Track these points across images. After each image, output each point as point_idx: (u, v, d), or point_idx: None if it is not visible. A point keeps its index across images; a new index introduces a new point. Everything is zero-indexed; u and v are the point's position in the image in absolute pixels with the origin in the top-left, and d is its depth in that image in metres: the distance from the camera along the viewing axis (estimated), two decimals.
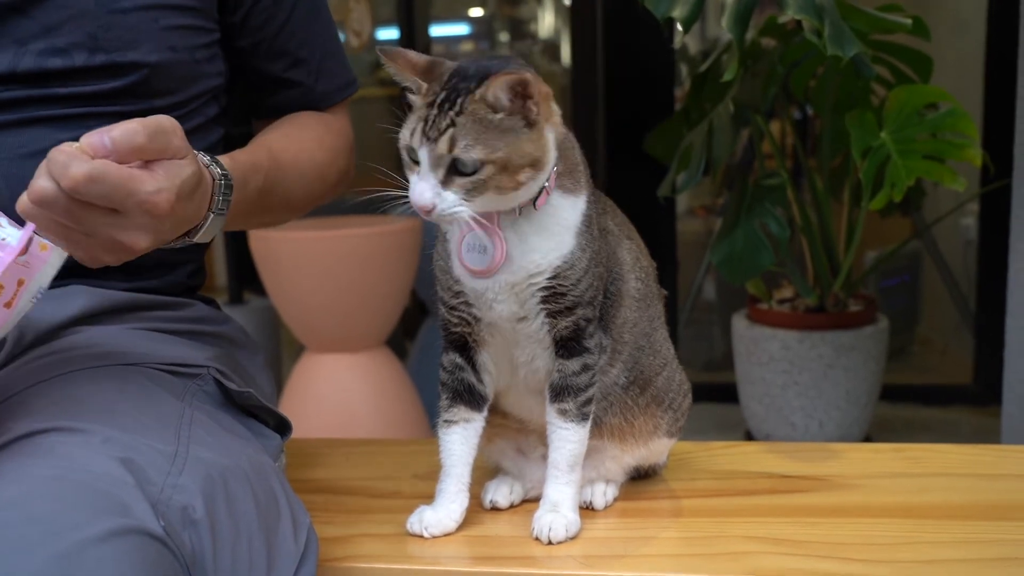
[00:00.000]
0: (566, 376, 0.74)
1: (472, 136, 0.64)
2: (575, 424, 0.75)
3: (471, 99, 0.64)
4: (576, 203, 0.72)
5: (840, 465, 0.92)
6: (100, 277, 0.76)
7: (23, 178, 0.71)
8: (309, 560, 0.67)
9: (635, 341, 0.80)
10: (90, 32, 0.72)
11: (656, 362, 0.82)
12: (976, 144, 1.60)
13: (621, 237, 0.80)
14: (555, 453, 0.76)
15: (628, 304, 0.78)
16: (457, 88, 0.65)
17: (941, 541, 0.74)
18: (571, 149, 0.73)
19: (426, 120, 0.65)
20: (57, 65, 0.72)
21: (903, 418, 2.41)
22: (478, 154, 0.64)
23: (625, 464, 0.84)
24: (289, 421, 0.80)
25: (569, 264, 0.71)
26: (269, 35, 0.86)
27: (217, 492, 0.60)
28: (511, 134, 0.65)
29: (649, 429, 0.82)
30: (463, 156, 0.64)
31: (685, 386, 0.86)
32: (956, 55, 2.50)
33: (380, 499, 0.87)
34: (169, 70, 0.77)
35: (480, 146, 0.64)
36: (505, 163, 0.65)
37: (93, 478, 0.53)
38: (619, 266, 0.78)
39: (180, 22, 0.77)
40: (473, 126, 0.64)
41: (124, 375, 0.68)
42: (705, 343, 2.90)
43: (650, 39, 2.50)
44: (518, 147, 0.65)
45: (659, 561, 0.73)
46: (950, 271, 2.63)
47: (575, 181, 0.72)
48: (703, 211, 3.06)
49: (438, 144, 0.64)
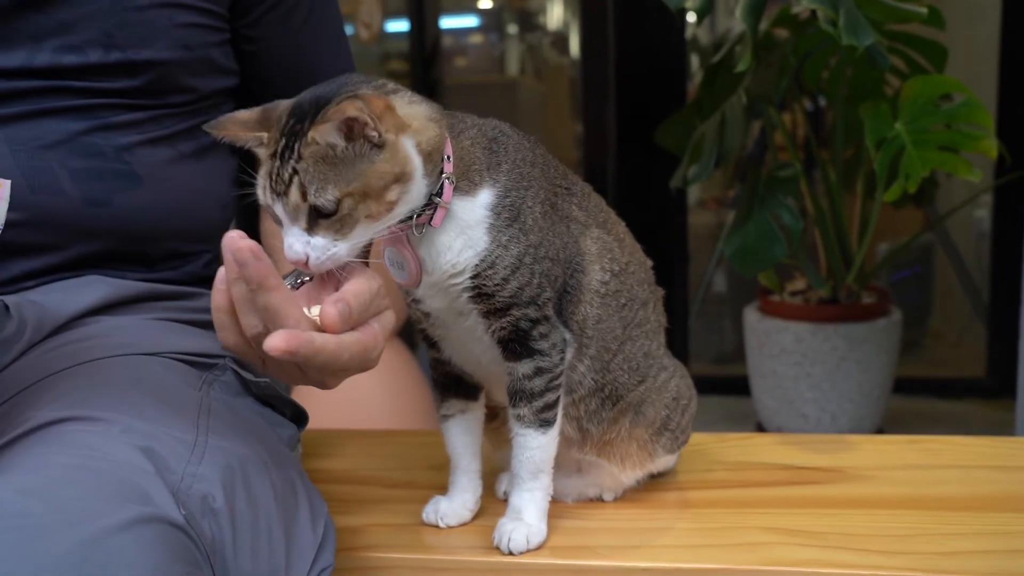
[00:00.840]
0: (517, 380, 0.70)
1: (319, 178, 0.59)
2: (533, 431, 0.71)
3: (304, 142, 0.59)
4: (475, 200, 0.66)
5: (855, 457, 0.92)
6: (117, 268, 0.77)
7: (39, 169, 0.71)
8: (327, 549, 0.67)
9: (602, 341, 0.74)
10: (105, 30, 0.72)
11: (629, 379, 0.76)
12: (991, 135, 1.59)
13: (589, 224, 0.74)
14: (516, 460, 0.73)
15: (589, 299, 0.73)
16: (294, 131, 0.60)
17: (958, 533, 0.74)
18: (467, 143, 0.67)
19: (271, 175, 0.60)
20: (72, 62, 0.72)
21: (916, 411, 2.41)
22: (332, 194, 0.59)
23: (624, 484, 0.81)
24: (305, 411, 0.81)
25: (488, 263, 0.66)
26: (275, 45, 0.84)
27: (236, 481, 0.60)
28: (361, 161, 0.60)
29: (644, 454, 0.79)
30: (318, 202, 0.59)
31: (683, 400, 0.81)
32: (970, 45, 2.48)
33: (395, 489, 0.87)
34: (184, 68, 0.77)
35: (331, 185, 0.59)
36: (364, 191, 0.60)
37: (114, 466, 0.53)
38: (580, 256, 0.72)
39: (195, 20, 0.77)
40: (316, 167, 0.59)
41: (142, 365, 0.68)
42: (716, 336, 2.90)
43: (661, 30, 2.49)
44: (373, 171, 0.60)
45: (676, 552, 0.73)
46: (963, 263, 2.62)
47: (469, 181, 0.66)
48: (714, 203, 3.05)
49: (289, 197, 0.60)
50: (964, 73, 1.79)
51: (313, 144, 0.59)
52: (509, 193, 0.67)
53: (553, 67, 3.72)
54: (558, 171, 0.74)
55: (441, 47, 3.36)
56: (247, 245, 0.55)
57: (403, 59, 3.41)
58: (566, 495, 0.81)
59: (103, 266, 0.76)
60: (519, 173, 0.69)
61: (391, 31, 3.45)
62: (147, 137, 0.76)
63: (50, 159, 0.72)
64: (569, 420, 0.77)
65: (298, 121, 0.60)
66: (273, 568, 0.61)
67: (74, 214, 0.72)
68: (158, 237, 0.78)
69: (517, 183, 0.68)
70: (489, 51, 3.83)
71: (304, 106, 0.61)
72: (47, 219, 0.72)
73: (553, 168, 0.73)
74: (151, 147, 0.77)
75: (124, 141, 0.75)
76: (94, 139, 0.73)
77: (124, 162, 0.75)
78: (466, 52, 3.77)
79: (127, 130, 0.75)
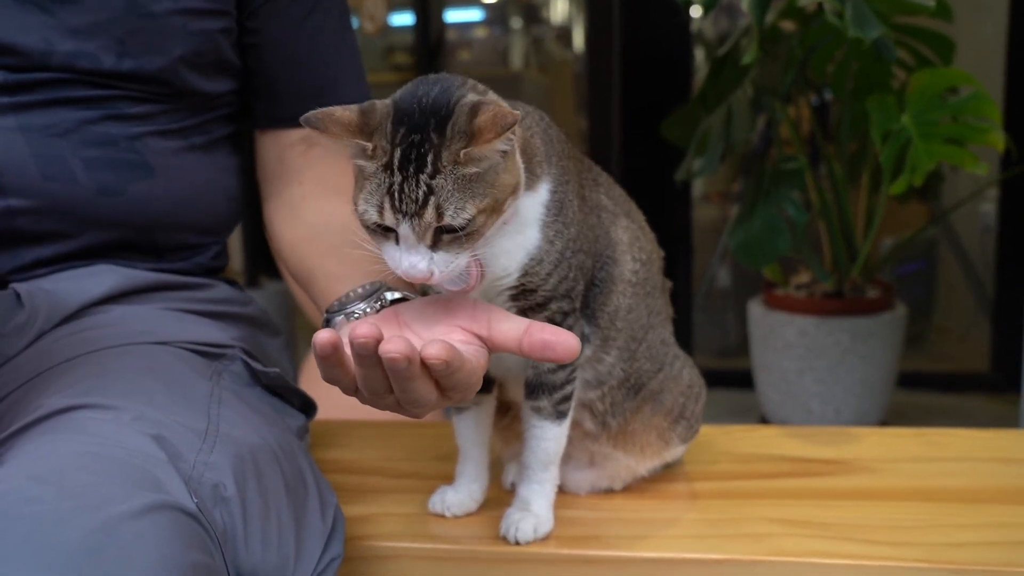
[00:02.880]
0: (541, 373, 0.70)
1: (458, 196, 0.55)
2: (550, 422, 0.71)
3: (450, 157, 0.55)
4: (535, 196, 0.64)
5: (861, 449, 0.92)
6: (127, 258, 0.77)
7: (53, 157, 0.71)
8: (336, 538, 0.67)
9: (630, 331, 0.74)
10: (118, 37, 0.71)
11: (651, 367, 0.77)
12: (998, 128, 1.59)
13: (618, 214, 0.73)
14: (529, 451, 0.72)
15: (622, 289, 0.72)
16: (412, 142, 0.56)
17: (965, 524, 0.74)
18: (528, 138, 0.64)
19: (392, 192, 0.56)
20: (85, 66, 0.71)
21: (920, 405, 2.41)
22: (470, 212, 0.56)
23: (639, 474, 0.81)
24: (314, 401, 0.81)
25: (537, 260, 0.64)
26: (276, 37, 0.82)
27: (247, 470, 0.60)
28: (492, 174, 0.57)
29: (662, 443, 0.79)
30: (456, 221, 0.55)
31: (695, 388, 0.81)
32: (978, 38, 2.47)
33: (401, 479, 0.88)
34: (197, 71, 0.76)
35: (470, 203, 0.55)
36: (494, 205, 0.57)
37: (126, 454, 0.53)
38: (612, 247, 0.71)
39: (209, 25, 0.76)
40: (455, 184, 0.55)
41: (153, 354, 0.68)
42: (720, 330, 2.90)
43: (667, 23, 2.49)
44: (501, 184, 0.57)
45: (682, 542, 0.73)
46: (968, 258, 2.61)
47: (532, 175, 0.64)
48: (718, 197, 3.05)
49: (423, 218, 0.55)
50: (971, 66, 1.78)
51: (466, 159, 0.55)
52: (558, 187, 0.65)
53: (557, 61, 3.72)
54: (582, 161, 0.73)
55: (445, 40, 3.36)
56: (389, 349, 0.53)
57: (407, 52, 3.41)
58: (579, 489, 0.81)
59: (114, 256, 0.76)
60: (562, 165, 0.67)
61: (396, 24, 3.45)
62: (159, 128, 0.76)
63: (63, 147, 0.72)
64: (594, 415, 0.76)
65: (412, 131, 0.56)
66: (283, 557, 0.61)
67: (86, 203, 0.72)
68: (168, 227, 0.78)
69: (562, 175, 0.66)
70: (493, 44, 3.83)
71: (413, 113, 0.56)
72: (59, 207, 0.72)
73: (578, 157, 0.72)
74: (163, 138, 0.77)
75: (136, 131, 0.75)
76: (107, 128, 0.73)
77: (136, 152, 0.75)
78: (470, 45, 3.77)
79: (140, 121, 0.75)
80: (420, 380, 0.55)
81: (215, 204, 0.82)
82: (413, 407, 0.58)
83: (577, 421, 0.75)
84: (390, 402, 0.58)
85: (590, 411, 0.76)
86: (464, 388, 0.58)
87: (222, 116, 0.83)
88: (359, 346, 0.53)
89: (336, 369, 0.56)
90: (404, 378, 0.54)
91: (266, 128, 0.85)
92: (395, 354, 0.52)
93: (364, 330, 0.53)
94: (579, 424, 0.76)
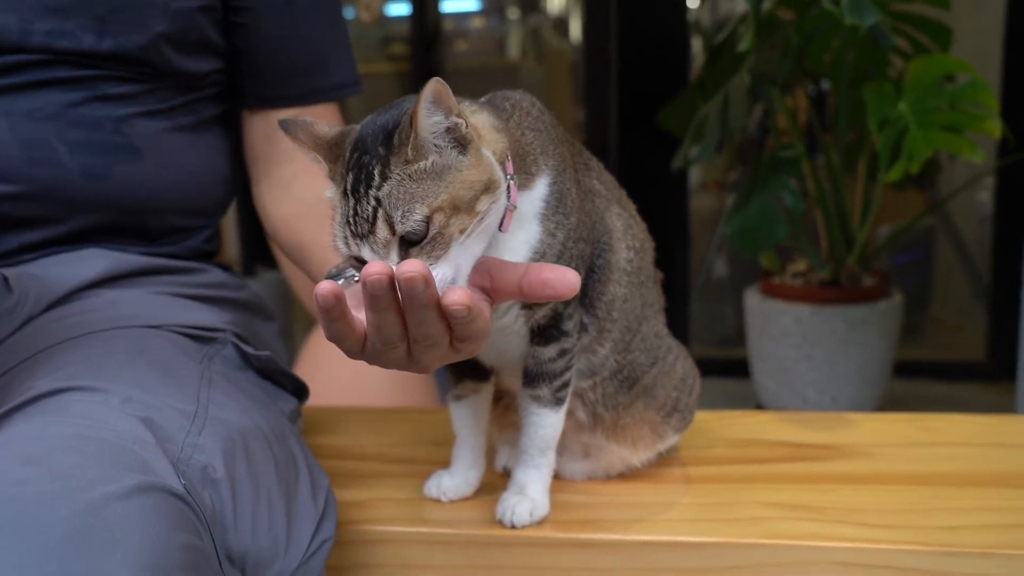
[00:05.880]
0: (541, 363, 0.70)
1: (404, 200, 0.54)
2: (549, 409, 0.71)
3: (397, 161, 0.55)
4: (533, 193, 0.63)
5: (856, 434, 0.92)
6: (117, 242, 0.76)
7: (36, 141, 0.71)
8: (328, 521, 0.67)
9: (626, 320, 0.73)
10: (97, 15, 0.71)
11: (645, 360, 0.76)
12: (995, 116, 1.58)
13: (611, 200, 0.72)
14: (527, 438, 0.72)
15: (617, 278, 0.71)
16: (362, 164, 0.55)
17: (959, 508, 0.74)
18: (518, 137, 0.63)
19: (348, 218, 0.55)
20: (65, 46, 0.70)
21: (916, 394, 2.41)
22: (420, 213, 0.54)
23: (634, 466, 0.81)
24: (306, 385, 0.80)
25: (540, 253, 0.63)
26: (265, 17, 0.81)
27: (237, 452, 0.60)
28: (448, 172, 0.55)
29: (655, 436, 0.79)
30: (407, 227, 0.54)
31: (689, 380, 0.81)
32: (975, 25, 2.47)
33: (396, 464, 0.87)
34: (179, 50, 0.76)
35: (418, 203, 0.54)
36: (454, 203, 0.55)
37: (114, 436, 0.53)
38: (607, 234, 0.71)
39: (191, 4, 0.75)
40: (401, 189, 0.54)
41: (143, 337, 0.68)
42: (716, 319, 2.90)
43: (664, 12, 2.48)
44: (462, 180, 0.55)
45: (677, 525, 0.73)
46: (965, 247, 2.61)
47: (527, 173, 0.63)
48: (715, 187, 3.05)
49: (376, 235, 0.54)
50: (968, 54, 1.78)
51: (414, 159, 0.54)
52: (556, 179, 0.64)
53: (554, 51, 3.71)
54: (573, 144, 0.72)
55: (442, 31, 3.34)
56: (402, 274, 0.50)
57: (404, 43, 3.39)
58: (574, 478, 0.81)
59: (103, 239, 0.76)
60: (559, 154, 0.65)
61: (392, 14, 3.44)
62: (145, 109, 0.75)
63: (47, 131, 0.71)
64: (585, 405, 0.76)
65: (363, 153, 0.56)
66: (274, 538, 0.61)
67: (72, 186, 0.72)
68: (158, 210, 0.78)
69: (559, 165, 0.65)
70: (490, 35, 3.81)
71: (367, 137, 0.57)
72: (45, 192, 0.71)
73: (570, 142, 0.71)
74: (149, 119, 0.76)
75: (122, 112, 0.74)
76: (92, 110, 0.73)
77: (122, 134, 0.74)
78: (467, 36, 3.75)
79: (124, 102, 0.74)
80: (436, 311, 0.53)
81: (206, 186, 0.82)
82: (424, 353, 0.55)
83: (569, 410, 0.75)
84: (399, 355, 0.56)
85: (581, 400, 0.76)
86: (478, 338, 0.56)
87: (210, 96, 0.82)
88: (373, 284, 0.50)
89: (339, 323, 0.53)
90: (420, 305, 0.51)
91: (255, 108, 0.85)
92: (412, 273, 0.50)
93: (377, 267, 0.50)
94: (571, 413, 0.76)
